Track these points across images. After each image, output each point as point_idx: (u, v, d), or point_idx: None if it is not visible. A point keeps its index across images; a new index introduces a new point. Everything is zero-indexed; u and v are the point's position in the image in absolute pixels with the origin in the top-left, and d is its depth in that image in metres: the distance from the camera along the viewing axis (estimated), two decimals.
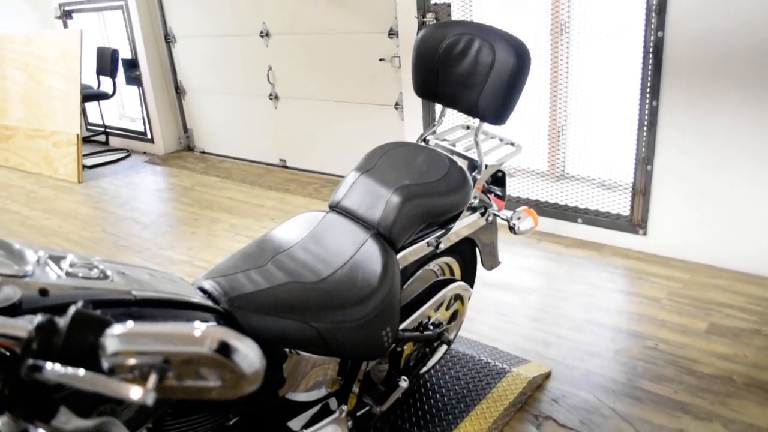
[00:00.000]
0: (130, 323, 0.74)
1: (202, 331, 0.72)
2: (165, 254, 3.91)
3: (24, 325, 0.78)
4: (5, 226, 4.58)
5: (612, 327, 2.79)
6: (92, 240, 4.22)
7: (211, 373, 0.71)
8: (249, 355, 0.71)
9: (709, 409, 2.26)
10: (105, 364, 0.73)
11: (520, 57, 1.90)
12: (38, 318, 0.78)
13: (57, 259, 1.11)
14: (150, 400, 0.69)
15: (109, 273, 1.15)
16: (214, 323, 1.30)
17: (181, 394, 0.73)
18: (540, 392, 2.42)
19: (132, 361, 0.72)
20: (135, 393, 0.69)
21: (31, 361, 0.74)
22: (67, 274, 1.08)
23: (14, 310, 0.94)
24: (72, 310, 0.77)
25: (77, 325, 0.76)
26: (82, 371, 0.72)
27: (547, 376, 2.50)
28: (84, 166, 5.82)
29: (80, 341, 0.75)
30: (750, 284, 3.03)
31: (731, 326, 2.73)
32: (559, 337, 2.75)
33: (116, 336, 0.73)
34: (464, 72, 2.02)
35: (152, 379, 0.71)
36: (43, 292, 0.99)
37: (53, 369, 0.73)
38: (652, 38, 3.06)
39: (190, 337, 0.71)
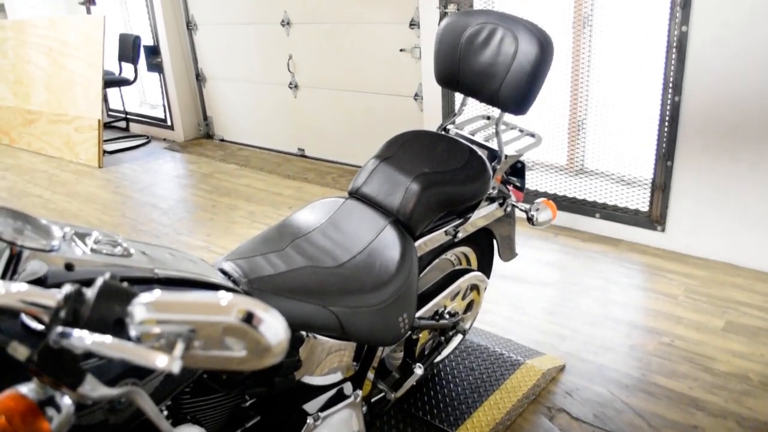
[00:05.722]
0: (157, 292, 0.75)
1: (229, 301, 0.72)
2: (183, 240, 3.95)
3: (53, 294, 0.80)
4: (27, 208, 4.64)
5: (627, 322, 2.78)
6: (112, 224, 4.27)
7: (237, 343, 0.72)
8: (274, 325, 0.72)
9: (723, 407, 2.25)
10: (132, 332, 0.75)
11: (543, 47, 1.89)
12: (66, 288, 0.79)
13: (82, 236, 1.13)
14: (176, 368, 0.70)
15: (132, 251, 1.16)
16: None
17: (206, 364, 0.74)
18: (554, 385, 2.42)
19: (159, 330, 0.73)
20: (161, 361, 0.70)
21: (59, 329, 0.76)
22: (92, 250, 1.10)
23: (40, 283, 0.96)
24: (100, 281, 0.78)
25: (104, 296, 0.77)
26: (109, 338, 0.73)
27: (561, 369, 2.50)
28: (105, 152, 5.87)
29: (107, 311, 0.77)
30: None
31: (749, 324, 2.71)
32: (574, 330, 2.75)
33: (144, 304, 0.74)
34: (486, 61, 2.01)
35: (179, 347, 0.72)
36: (69, 266, 1.01)
37: (81, 336, 0.75)
38: (675, 33, 3.03)
39: (217, 307, 0.72)
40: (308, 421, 1.59)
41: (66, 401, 0.80)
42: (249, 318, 0.72)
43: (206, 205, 4.54)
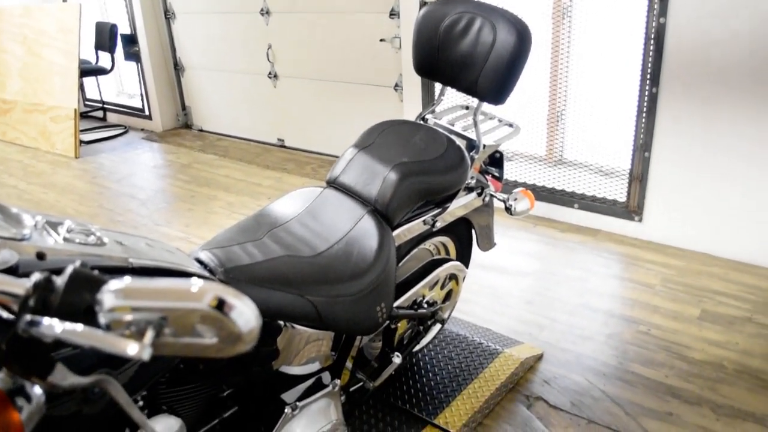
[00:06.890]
0: (127, 278, 0.74)
1: (200, 287, 0.72)
2: (161, 230, 3.91)
3: (21, 283, 0.79)
4: (2, 199, 4.56)
5: (605, 311, 2.81)
6: (89, 215, 4.21)
7: (208, 330, 0.72)
8: (246, 312, 0.72)
9: (698, 394, 2.28)
10: (102, 320, 0.74)
11: (521, 37, 1.89)
12: (35, 276, 0.78)
13: (54, 225, 1.11)
14: (146, 355, 0.69)
15: (106, 240, 1.15)
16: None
17: (177, 351, 0.73)
18: (532, 373, 2.44)
19: (129, 317, 0.72)
20: (132, 348, 0.69)
21: (28, 317, 0.75)
22: (65, 239, 1.08)
23: (12, 272, 0.94)
24: (70, 268, 0.77)
25: (74, 284, 0.76)
26: (79, 326, 0.72)
27: (539, 357, 2.52)
28: (81, 142, 5.80)
29: (77, 299, 0.76)
30: (744, 273, 3.05)
31: (724, 313, 2.75)
32: (553, 320, 2.77)
33: (113, 291, 0.73)
34: (465, 51, 2.01)
35: (149, 334, 0.71)
36: (40, 255, 0.99)
37: (50, 324, 0.73)
38: (653, 24, 3.05)
39: (188, 293, 0.72)
40: (286, 410, 1.58)
41: (36, 391, 0.79)
42: (220, 305, 0.71)
43: (185, 196, 4.50)
